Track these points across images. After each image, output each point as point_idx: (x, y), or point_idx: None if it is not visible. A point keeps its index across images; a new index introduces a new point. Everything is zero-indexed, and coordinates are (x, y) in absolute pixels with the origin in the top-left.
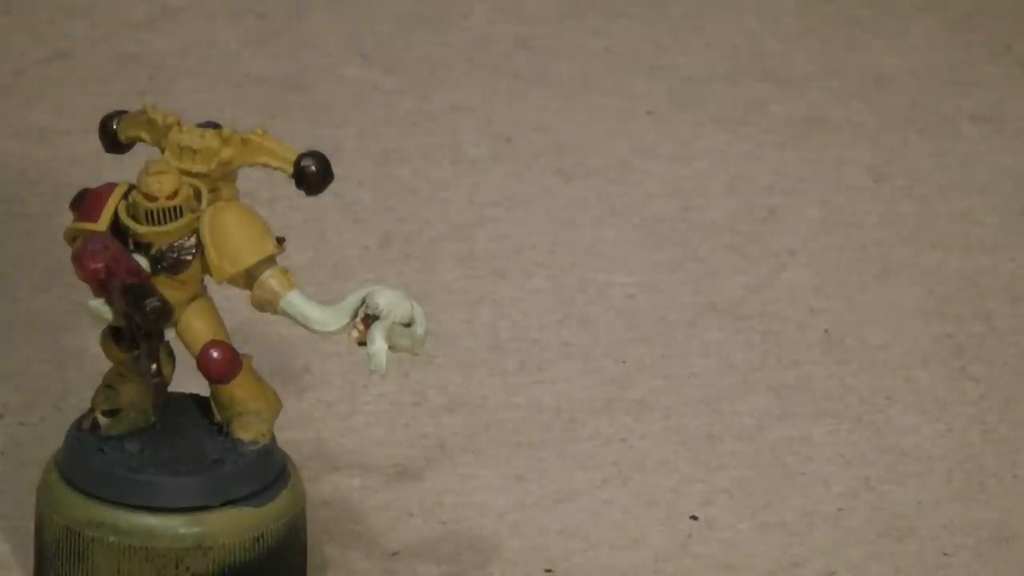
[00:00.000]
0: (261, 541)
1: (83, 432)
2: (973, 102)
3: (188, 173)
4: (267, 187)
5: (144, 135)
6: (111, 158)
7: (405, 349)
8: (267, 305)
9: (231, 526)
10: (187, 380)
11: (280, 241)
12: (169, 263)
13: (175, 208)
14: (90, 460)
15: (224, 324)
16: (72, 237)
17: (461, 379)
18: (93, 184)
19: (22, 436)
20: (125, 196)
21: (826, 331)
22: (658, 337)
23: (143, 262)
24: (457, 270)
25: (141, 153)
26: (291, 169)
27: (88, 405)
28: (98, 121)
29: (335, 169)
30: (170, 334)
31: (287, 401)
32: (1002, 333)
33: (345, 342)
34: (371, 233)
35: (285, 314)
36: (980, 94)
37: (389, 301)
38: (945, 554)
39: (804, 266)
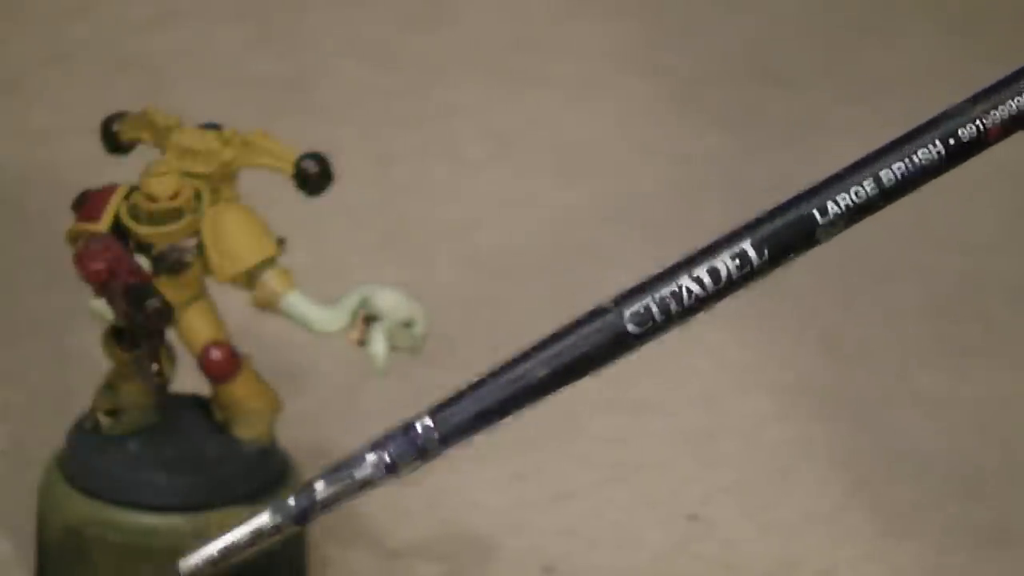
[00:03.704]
0: None
1: (84, 432)
2: None
3: (189, 174)
4: (267, 188)
5: (145, 136)
6: (112, 159)
7: (406, 349)
8: (268, 305)
9: (232, 525)
10: (187, 380)
11: (281, 242)
12: (170, 264)
13: (176, 209)
14: (91, 460)
15: (224, 324)
16: (73, 238)
17: (461, 379)
18: (94, 185)
19: (23, 436)
20: (126, 197)
21: (825, 332)
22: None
23: (144, 263)
24: (457, 270)
25: (142, 154)
26: (292, 170)
27: (89, 405)
28: (99, 122)
29: (335, 169)
30: (170, 334)
31: (287, 401)
32: (1002, 333)
33: (345, 342)
34: (371, 233)
35: (285, 314)
36: None
37: (389, 301)
38: (943, 554)
39: (803, 266)
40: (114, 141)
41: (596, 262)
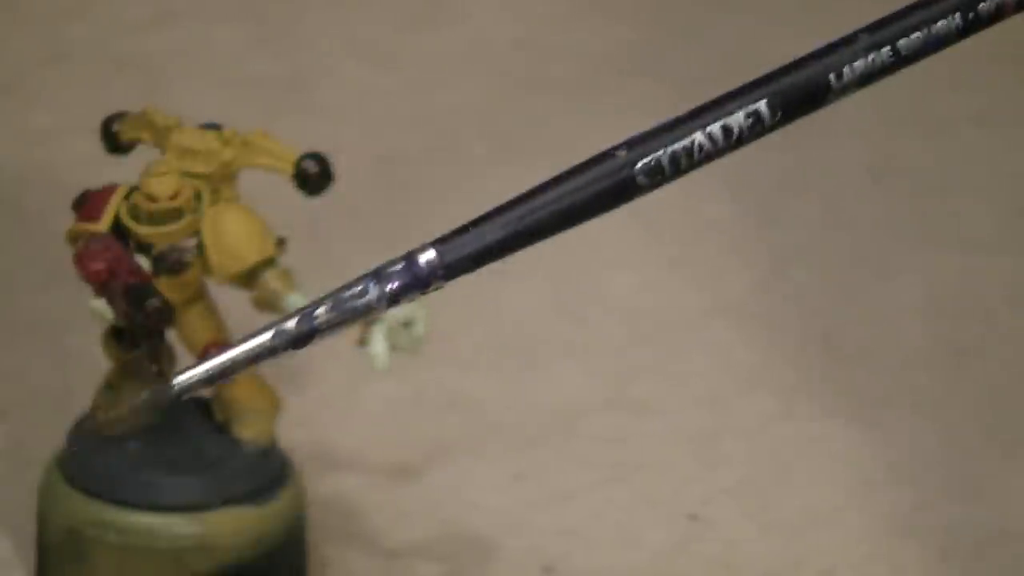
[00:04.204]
0: (262, 540)
1: (84, 432)
2: (972, 102)
3: (189, 174)
4: (267, 188)
5: (145, 136)
6: (111, 159)
7: (405, 349)
8: (268, 306)
9: (232, 525)
10: None
11: (281, 242)
12: (170, 264)
13: (176, 209)
14: (91, 460)
15: (224, 324)
16: (74, 238)
17: (461, 379)
18: (94, 185)
19: (23, 436)
20: (127, 197)
21: (826, 332)
22: (658, 337)
23: (144, 263)
24: None
25: (142, 154)
26: (292, 170)
27: (89, 405)
28: (98, 122)
29: (335, 170)
30: (171, 334)
31: (287, 401)
32: (1002, 333)
33: (345, 342)
34: (371, 233)
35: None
36: (979, 94)
37: None
38: (944, 554)
39: (804, 266)
40: (114, 141)
41: (596, 262)
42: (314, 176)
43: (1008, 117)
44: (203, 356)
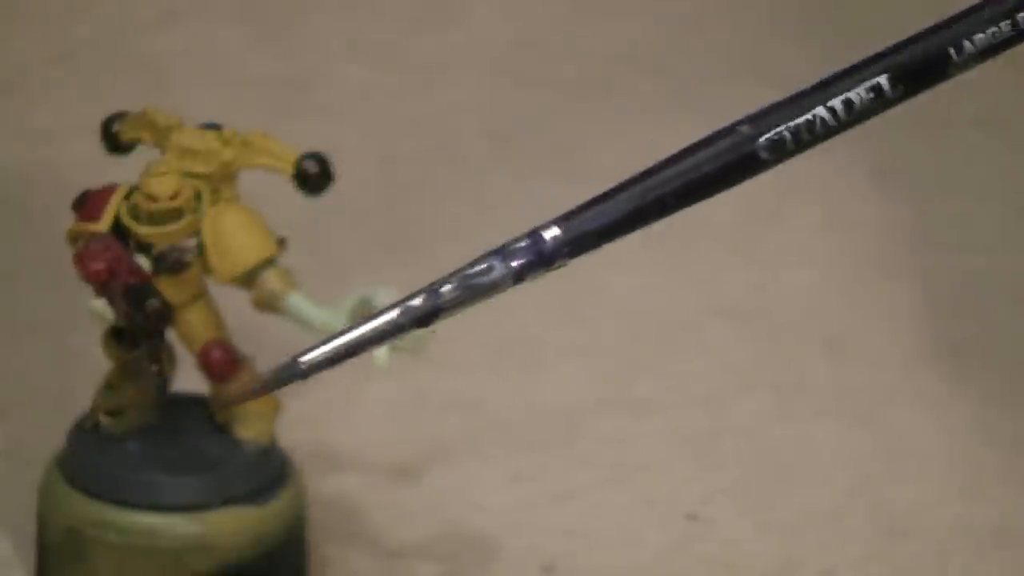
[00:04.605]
0: (262, 540)
1: (84, 432)
2: (973, 103)
3: (189, 174)
4: (267, 188)
5: (145, 136)
6: (112, 159)
7: (406, 349)
8: (268, 306)
9: (232, 525)
10: (188, 380)
11: (281, 242)
12: (170, 264)
13: (176, 209)
14: (91, 459)
15: (225, 324)
16: (74, 238)
17: (461, 379)
18: (95, 185)
19: (24, 436)
20: (127, 197)
21: (826, 331)
22: (658, 337)
23: (144, 263)
24: None
25: (142, 154)
26: (292, 170)
27: (89, 405)
28: (100, 122)
29: (335, 170)
30: (171, 334)
31: (287, 401)
32: (1002, 333)
33: None
34: (371, 233)
35: (286, 315)
36: (980, 95)
37: (389, 302)
38: (945, 554)
39: (804, 266)
40: (114, 141)
41: (596, 262)
42: (314, 176)
43: (1009, 118)
44: (203, 356)
